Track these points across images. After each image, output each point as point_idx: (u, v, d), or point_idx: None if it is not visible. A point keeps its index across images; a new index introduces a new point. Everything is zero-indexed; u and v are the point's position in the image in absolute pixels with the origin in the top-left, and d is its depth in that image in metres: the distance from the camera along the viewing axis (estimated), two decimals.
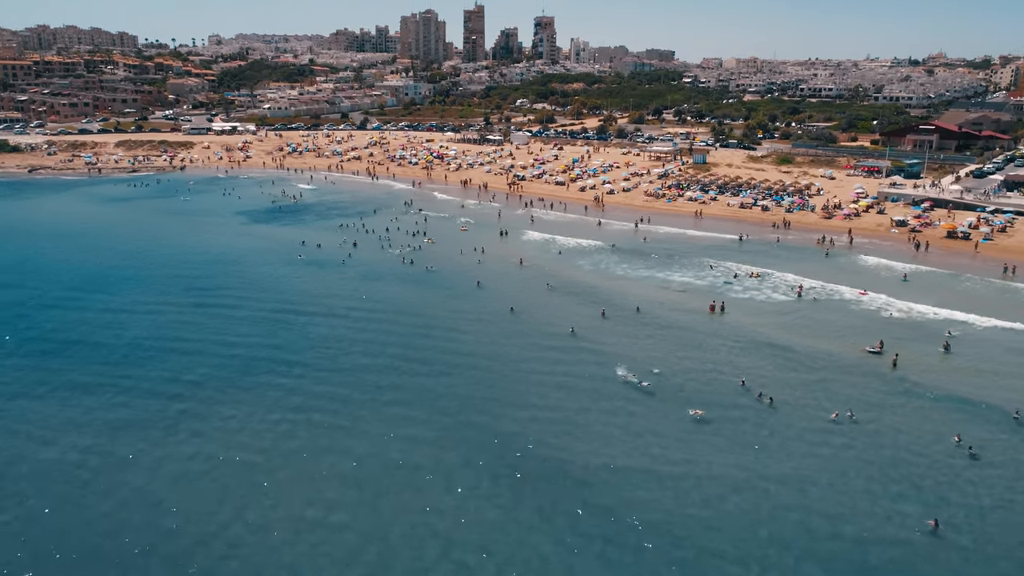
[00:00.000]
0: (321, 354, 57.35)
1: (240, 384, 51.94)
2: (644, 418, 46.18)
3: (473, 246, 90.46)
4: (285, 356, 56.83)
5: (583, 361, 55.03)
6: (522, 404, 48.47)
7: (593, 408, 47.66)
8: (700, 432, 44.51)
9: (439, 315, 65.93)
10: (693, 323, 63.54)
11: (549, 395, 49.76)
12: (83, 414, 47.64)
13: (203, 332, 62.24)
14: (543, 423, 46.02)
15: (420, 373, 53.65)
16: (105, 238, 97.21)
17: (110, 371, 54.16)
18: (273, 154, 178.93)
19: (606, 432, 44.71)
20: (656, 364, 54.00)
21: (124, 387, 51.51)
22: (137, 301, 70.69)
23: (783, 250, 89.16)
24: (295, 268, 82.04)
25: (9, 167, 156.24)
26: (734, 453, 42.04)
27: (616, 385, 51.00)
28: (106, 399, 49.66)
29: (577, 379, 51.99)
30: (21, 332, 62.23)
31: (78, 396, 50.14)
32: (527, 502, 37.98)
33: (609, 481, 39.49)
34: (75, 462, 41.93)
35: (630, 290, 73.09)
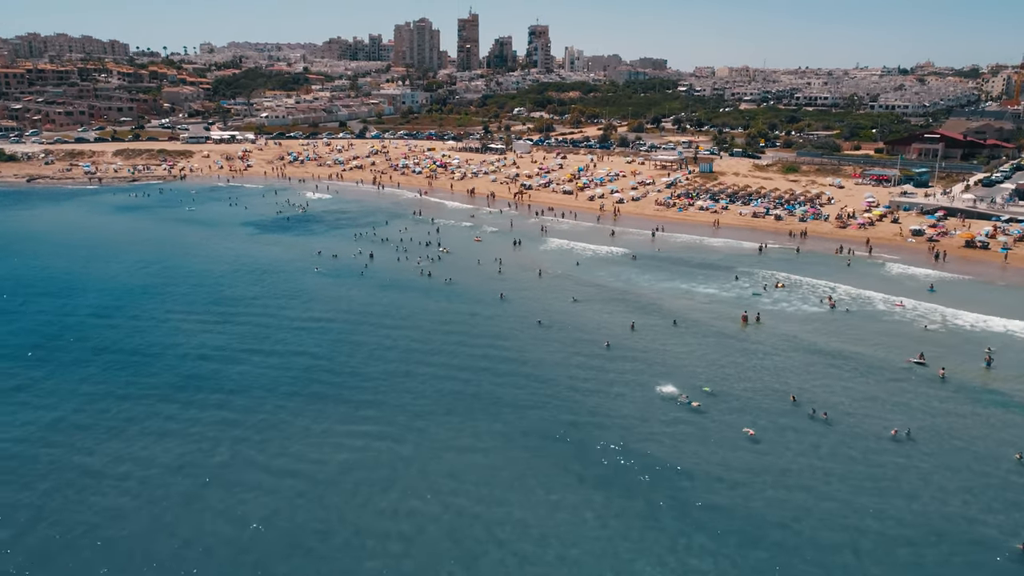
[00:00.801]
0: (368, 366, 56.35)
1: (305, 395, 51.24)
2: (697, 439, 44.87)
3: (490, 257, 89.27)
4: (335, 367, 56.06)
5: (626, 379, 53.45)
6: (579, 417, 47.46)
7: (644, 428, 46.39)
8: (758, 451, 43.30)
9: (469, 328, 64.64)
10: (729, 335, 62.51)
11: (600, 409, 48.58)
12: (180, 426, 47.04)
13: (245, 344, 61.46)
14: (607, 432, 45.17)
15: (468, 384, 52.83)
16: (121, 250, 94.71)
17: (179, 383, 53.66)
18: (274, 163, 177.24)
19: (672, 449, 43.69)
20: (700, 379, 52.87)
21: (197, 396, 51.33)
22: (178, 313, 69.47)
23: (805, 260, 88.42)
24: (314, 279, 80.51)
25: (7, 176, 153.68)
26: (798, 476, 40.79)
27: (664, 403, 49.68)
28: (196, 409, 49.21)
29: (623, 399, 50.47)
30: (82, 342, 61.44)
31: (173, 413, 49.08)
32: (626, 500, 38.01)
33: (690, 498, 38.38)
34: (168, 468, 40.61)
35: (658, 301, 72.03)
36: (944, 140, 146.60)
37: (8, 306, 71.48)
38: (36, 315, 68.56)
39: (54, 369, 55.83)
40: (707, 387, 51.16)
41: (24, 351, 59.34)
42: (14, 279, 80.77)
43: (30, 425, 46.96)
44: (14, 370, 55.59)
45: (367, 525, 36.93)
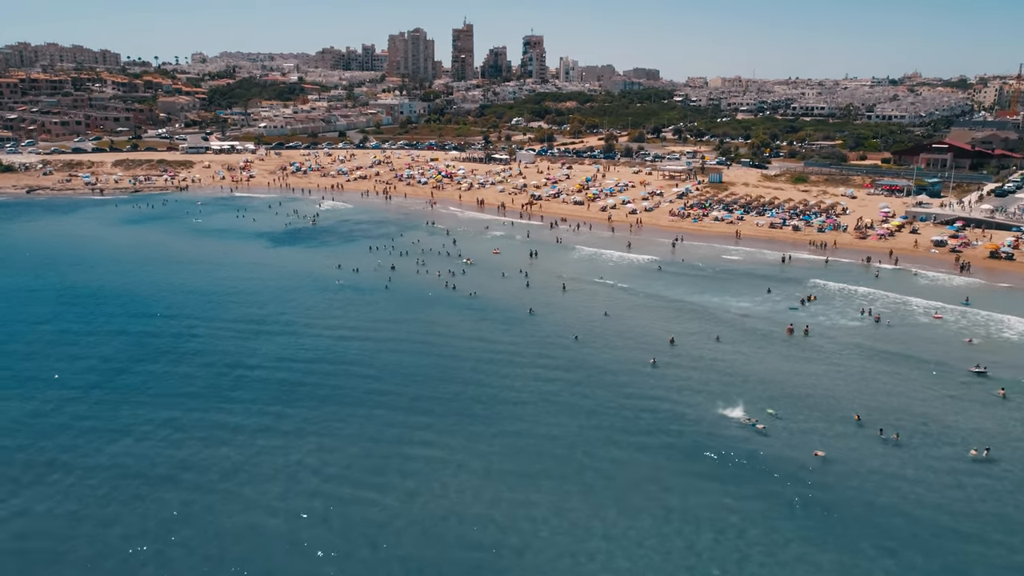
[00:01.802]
0: (417, 383, 55.12)
1: (359, 411, 50.34)
2: (771, 462, 43.39)
3: (511, 269, 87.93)
4: (384, 386, 54.78)
5: (684, 401, 51.66)
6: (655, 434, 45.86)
7: (714, 451, 44.84)
8: (838, 475, 41.76)
9: (509, 344, 63.01)
10: (776, 350, 61.24)
11: (664, 431, 47.07)
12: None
13: (286, 357, 60.29)
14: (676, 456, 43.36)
15: (526, 403, 51.62)
16: (138, 263, 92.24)
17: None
18: (276, 173, 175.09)
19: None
20: (754, 397, 51.46)
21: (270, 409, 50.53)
22: (223, 327, 68.20)
23: (833, 272, 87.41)
24: (339, 293, 78.64)
25: (5, 187, 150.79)
26: (895, 504, 39.05)
27: (729, 426, 48.09)
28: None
29: (686, 421, 48.81)
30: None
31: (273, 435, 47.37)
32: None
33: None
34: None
35: (693, 315, 70.72)
36: (953, 150, 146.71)
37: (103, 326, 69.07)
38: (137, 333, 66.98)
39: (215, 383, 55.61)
40: (771, 409, 49.58)
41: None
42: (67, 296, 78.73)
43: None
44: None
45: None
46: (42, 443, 46.01)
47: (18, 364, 58.73)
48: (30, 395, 52.87)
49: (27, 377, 56.03)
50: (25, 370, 57.58)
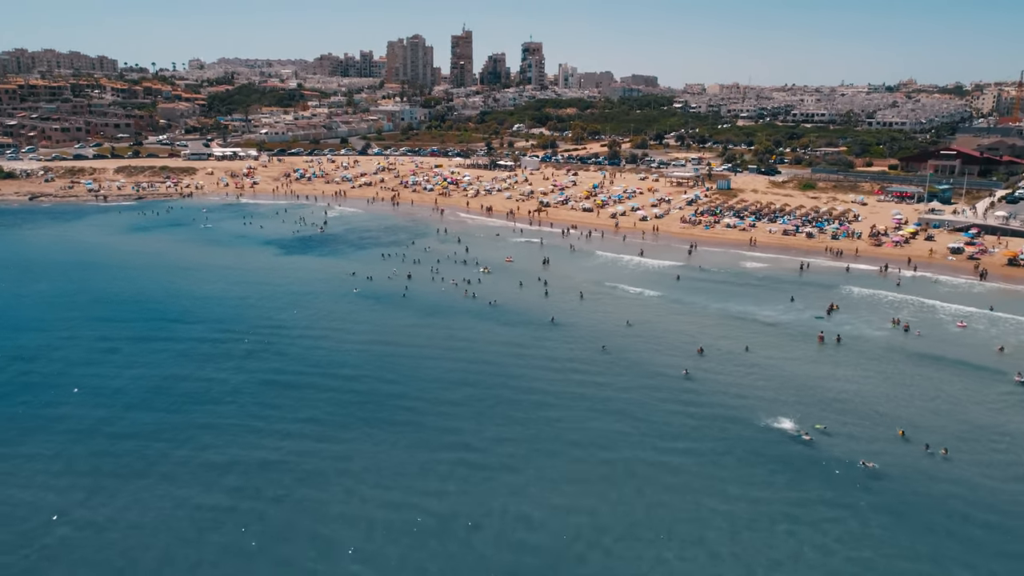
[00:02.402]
0: (450, 392, 54.44)
1: (408, 426, 49.50)
2: (820, 471, 42.48)
3: (530, 277, 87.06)
4: (419, 394, 54.42)
5: (725, 414, 50.65)
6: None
7: (760, 468, 43.84)
8: (888, 488, 40.90)
9: (537, 354, 62.09)
10: (808, 360, 60.34)
11: (711, 447, 46.08)
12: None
13: (318, 369, 59.39)
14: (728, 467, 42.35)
15: (565, 413, 50.76)
16: (153, 273, 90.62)
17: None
18: (280, 180, 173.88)
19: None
20: (791, 410, 50.51)
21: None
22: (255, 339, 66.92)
23: (854, 280, 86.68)
24: (357, 303, 77.48)
25: (8, 195, 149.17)
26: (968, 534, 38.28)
27: (776, 437, 47.16)
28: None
29: (729, 435, 47.78)
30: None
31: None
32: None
33: None
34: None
35: (717, 324, 69.86)
36: (961, 157, 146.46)
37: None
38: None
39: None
40: (819, 424, 48.44)
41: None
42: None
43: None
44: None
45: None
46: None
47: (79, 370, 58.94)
48: (99, 402, 53.17)
49: (92, 385, 56.10)
50: (89, 376, 57.75)
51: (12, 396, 53.88)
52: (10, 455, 45.46)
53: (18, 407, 52.16)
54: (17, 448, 46.31)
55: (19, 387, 55.47)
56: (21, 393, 54.46)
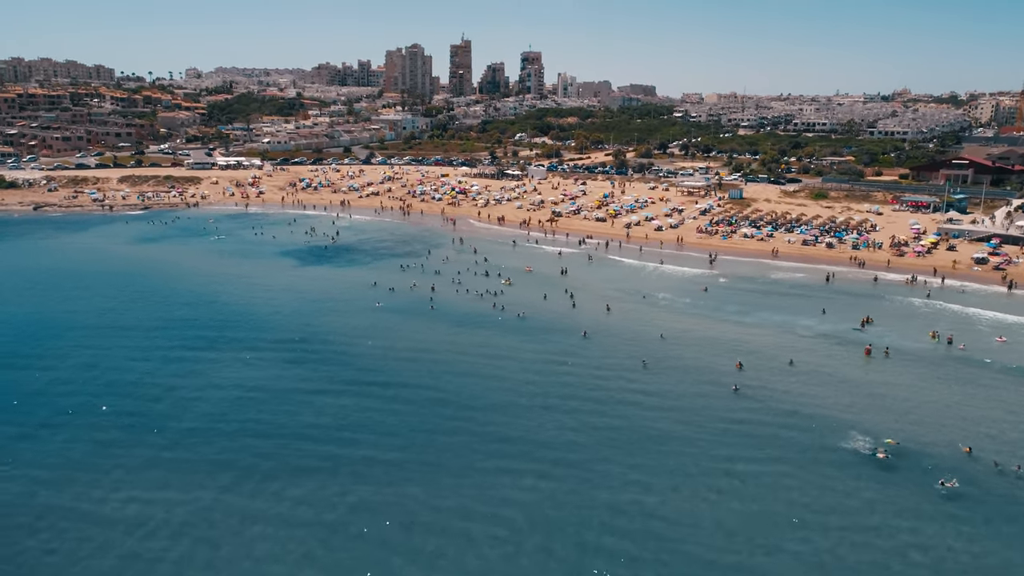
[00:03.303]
0: (497, 412, 52.88)
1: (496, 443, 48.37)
2: (898, 498, 41.22)
3: (552, 288, 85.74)
4: (465, 414, 52.78)
5: (787, 430, 49.16)
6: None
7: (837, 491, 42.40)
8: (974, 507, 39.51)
9: (577, 371, 60.47)
10: (859, 374, 58.92)
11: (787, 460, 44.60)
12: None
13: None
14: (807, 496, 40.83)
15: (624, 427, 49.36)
16: (171, 284, 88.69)
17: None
18: (286, 189, 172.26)
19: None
20: (859, 426, 49.07)
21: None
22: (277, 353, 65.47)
23: (883, 291, 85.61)
24: (382, 316, 75.75)
25: (11, 204, 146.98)
26: None
27: (847, 456, 45.72)
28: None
29: (797, 450, 46.46)
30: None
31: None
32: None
33: None
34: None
35: (753, 337, 68.48)
36: (974, 166, 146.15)
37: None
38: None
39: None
40: (890, 438, 47.04)
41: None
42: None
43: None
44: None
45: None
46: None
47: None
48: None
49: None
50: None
51: (142, 404, 53.81)
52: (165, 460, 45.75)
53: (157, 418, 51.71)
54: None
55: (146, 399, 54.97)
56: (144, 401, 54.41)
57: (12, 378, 58.14)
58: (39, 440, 48.06)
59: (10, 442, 47.67)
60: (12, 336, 68.71)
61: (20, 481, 43.16)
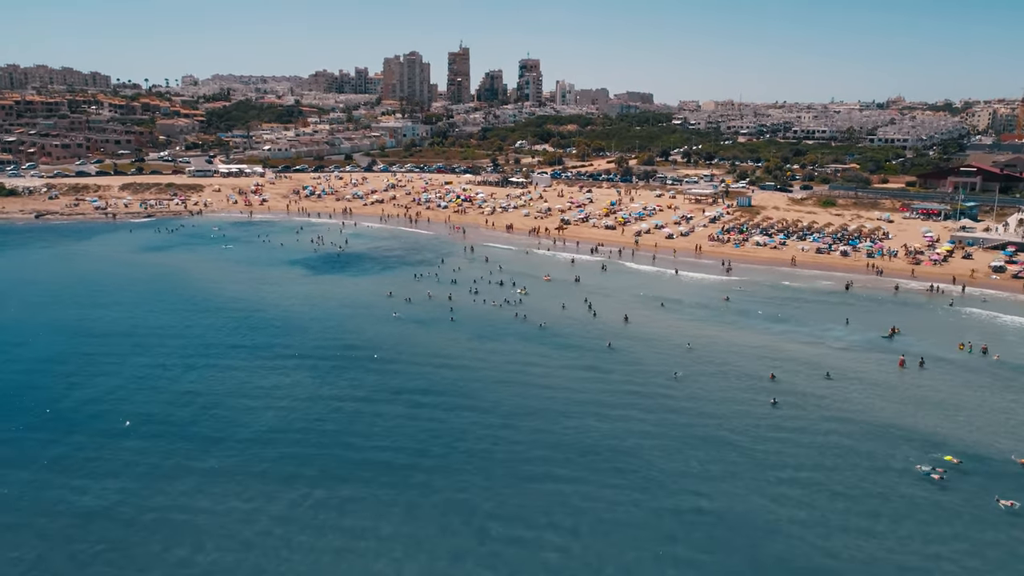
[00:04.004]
0: (536, 422, 52.29)
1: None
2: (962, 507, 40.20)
3: (571, 297, 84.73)
4: (505, 423, 52.19)
5: (833, 449, 47.89)
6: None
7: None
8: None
9: (603, 382, 59.52)
10: (897, 387, 57.86)
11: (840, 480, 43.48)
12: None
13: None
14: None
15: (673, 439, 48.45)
16: (189, 294, 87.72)
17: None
18: (289, 197, 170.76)
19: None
20: (908, 442, 47.96)
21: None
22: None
23: (905, 301, 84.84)
24: (403, 327, 74.41)
25: (12, 212, 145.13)
26: None
27: (902, 475, 44.49)
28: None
29: (847, 468, 45.27)
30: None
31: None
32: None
33: None
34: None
35: (782, 347, 67.45)
36: (982, 174, 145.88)
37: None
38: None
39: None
40: (949, 455, 45.93)
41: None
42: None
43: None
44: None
45: None
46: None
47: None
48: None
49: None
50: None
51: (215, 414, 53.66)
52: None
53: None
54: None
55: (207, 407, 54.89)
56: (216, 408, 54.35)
57: (58, 388, 58.38)
58: (110, 449, 48.51)
59: (80, 451, 48.14)
60: (47, 345, 68.55)
61: (111, 489, 43.61)
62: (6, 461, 46.39)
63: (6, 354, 65.89)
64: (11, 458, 46.72)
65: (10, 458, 46.72)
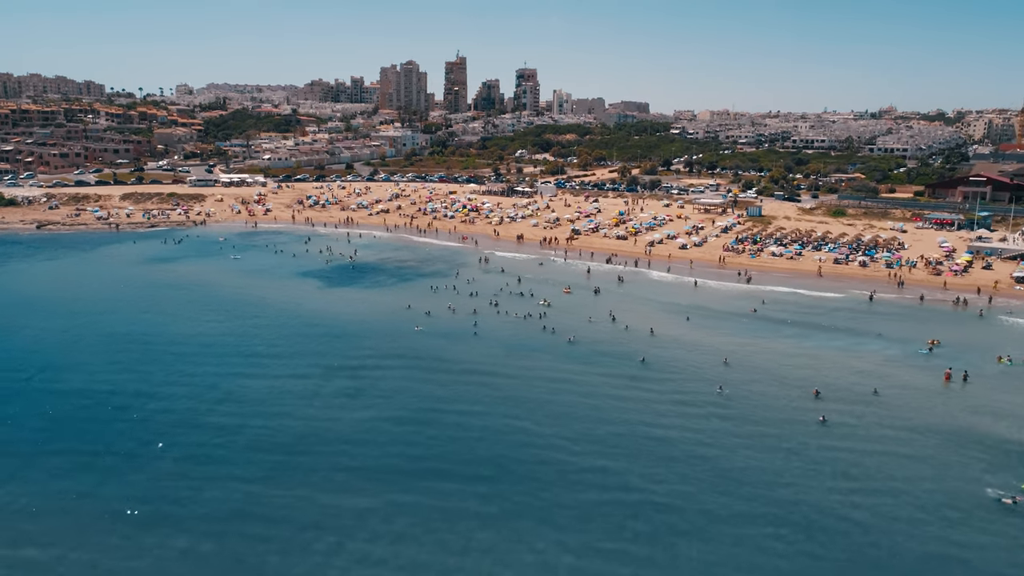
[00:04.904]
0: (594, 435, 51.39)
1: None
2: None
3: (595, 310, 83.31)
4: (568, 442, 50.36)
5: (901, 475, 46.12)
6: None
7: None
8: None
9: (647, 398, 58.00)
10: (949, 403, 56.48)
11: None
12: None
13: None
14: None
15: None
16: (208, 305, 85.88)
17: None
18: (293, 207, 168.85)
19: None
20: (974, 465, 46.50)
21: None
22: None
23: (932, 313, 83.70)
24: (428, 340, 72.56)
25: (13, 223, 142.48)
26: None
27: (975, 501, 42.97)
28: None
29: (920, 498, 43.43)
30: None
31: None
32: None
33: None
34: None
35: (819, 363, 66.04)
36: (991, 183, 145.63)
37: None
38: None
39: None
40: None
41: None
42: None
43: None
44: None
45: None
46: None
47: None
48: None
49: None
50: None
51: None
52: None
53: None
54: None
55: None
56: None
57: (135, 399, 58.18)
58: (217, 450, 49.64)
59: (187, 461, 48.61)
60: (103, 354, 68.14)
61: (237, 491, 44.80)
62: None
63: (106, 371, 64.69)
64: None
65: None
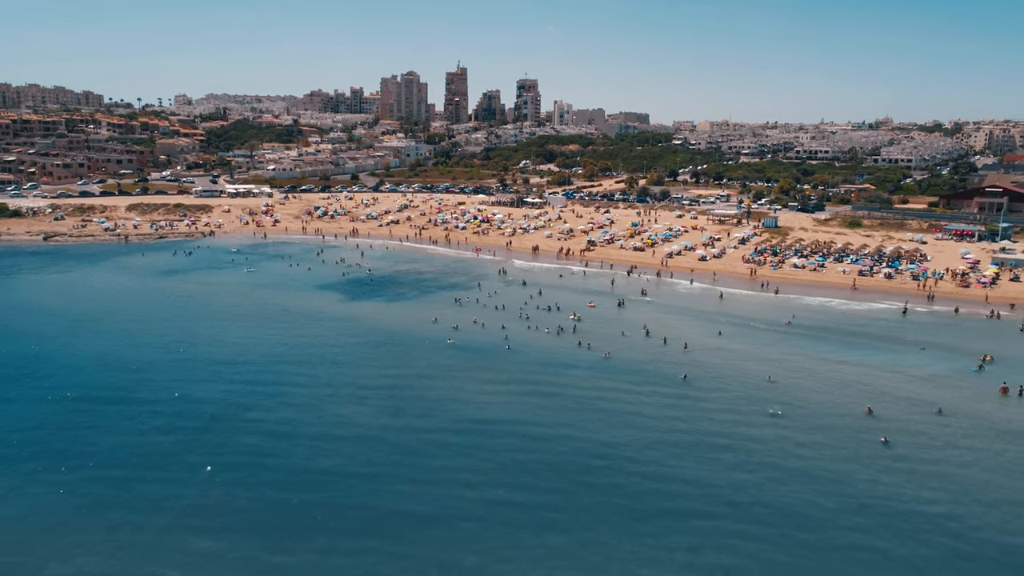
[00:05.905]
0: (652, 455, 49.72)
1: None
2: None
3: (626, 324, 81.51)
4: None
5: (983, 503, 44.49)
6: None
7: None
8: None
9: (698, 419, 55.97)
10: (1012, 420, 54.64)
11: None
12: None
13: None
14: None
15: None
16: (235, 320, 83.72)
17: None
18: (301, 218, 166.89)
19: None
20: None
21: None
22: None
23: (971, 326, 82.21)
24: (461, 355, 70.59)
25: (19, 234, 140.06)
26: None
27: None
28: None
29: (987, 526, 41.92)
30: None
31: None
32: None
33: None
34: None
35: (868, 379, 64.21)
36: (1008, 194, 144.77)
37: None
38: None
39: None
40: None
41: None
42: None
43: None
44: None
45: None
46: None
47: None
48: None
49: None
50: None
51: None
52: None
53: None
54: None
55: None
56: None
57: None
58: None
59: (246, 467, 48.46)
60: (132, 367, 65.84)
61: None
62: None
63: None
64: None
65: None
